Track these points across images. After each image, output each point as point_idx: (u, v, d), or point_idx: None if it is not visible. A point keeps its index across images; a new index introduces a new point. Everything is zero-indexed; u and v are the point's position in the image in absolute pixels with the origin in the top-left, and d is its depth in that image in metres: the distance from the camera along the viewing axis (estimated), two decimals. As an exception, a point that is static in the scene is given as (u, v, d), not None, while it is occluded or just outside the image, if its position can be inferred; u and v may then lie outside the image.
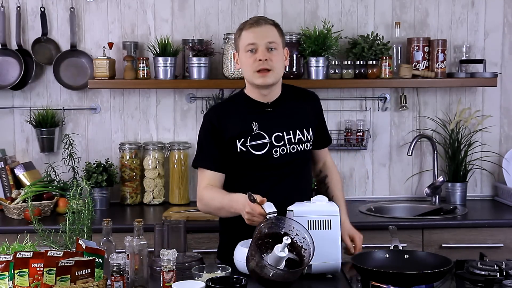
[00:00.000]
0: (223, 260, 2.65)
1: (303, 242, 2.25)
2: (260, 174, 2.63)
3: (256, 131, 2.62)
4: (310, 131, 2.70)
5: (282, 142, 2.64)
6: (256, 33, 2.57)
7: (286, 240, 2.16)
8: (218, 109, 2.75)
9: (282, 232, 2.26)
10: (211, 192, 2.61)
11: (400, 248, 2.50)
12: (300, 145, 2.66)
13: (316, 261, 2.20)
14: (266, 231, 2.26)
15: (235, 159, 2.64)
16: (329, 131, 2.91)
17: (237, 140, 2.62)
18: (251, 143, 2.62)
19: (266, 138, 2.63)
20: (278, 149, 2.63)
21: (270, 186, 2.60)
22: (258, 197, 2.33)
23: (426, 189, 3.80)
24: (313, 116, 2.74)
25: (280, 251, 2.17)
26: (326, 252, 2.34)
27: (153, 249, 2.54)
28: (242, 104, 2.68)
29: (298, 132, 2.66)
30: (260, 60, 2.55)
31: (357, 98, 3.97)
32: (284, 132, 2.64)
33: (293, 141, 2.65)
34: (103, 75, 3.71)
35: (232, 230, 2.67)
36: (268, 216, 2.29)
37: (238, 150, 2.62)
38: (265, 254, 2.23)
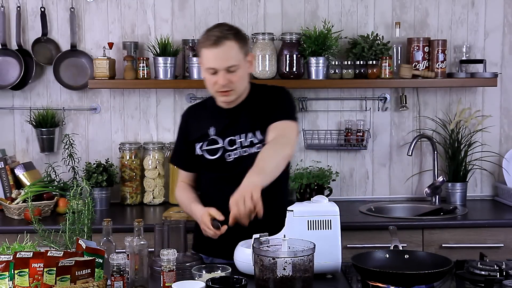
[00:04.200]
0: (198, 251, 2.72)
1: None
2: (218, 177, 2.71)
3: (212, 136, 2.70)
4: (261, 133, 2.66)
5: (235, 146, 2.67)
6: (216, 56, 2.56)
7: None
8: (189, 111, 2.85)
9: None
10: (181, 195, 2.81)
11: (400, 248, 2.50)
12: (253, 148, 2.66)
13: (316, 261, 2.19)
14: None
15: (197, 162, 2.76)
16: (289, 111, 2.68)
17: (196, 144, 2.73)
18: (207, 148, 2.71)
19: (219, 143, 2.69)
20: (231, 153, 2.68)
21: (229, 188, 2.57)
22: (222, 228, 2.47)
23: (426, 189, 3.80)
24: (265, 113, 2.66)
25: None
26: (326, 252, 2.34)
27: (153, 249, 2.54)
28: (207, 108, 2.77)
29: (250, 134, 2.67)
30: (220, 84, 2.58)
31: (357, 98, 3.97)
32: (237, 136, 2.68)
33: (245, 144, 2.67)
34: (103, 75, 3.71)
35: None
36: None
37: (196, 153, 2.73)
38: None
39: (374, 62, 3.76)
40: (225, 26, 2.64)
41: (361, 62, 3.77)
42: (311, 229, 2.38)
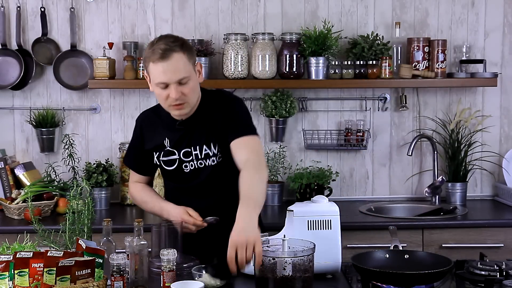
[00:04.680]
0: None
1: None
2: (177, 187, 2.74)
3: (168, 148, 2.68)
4: (217, 146, 2.63)
5: (191, 157, 2.65)
6: (165, 70, 2.47)
7: None
8: (144, 119, 2.79)
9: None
10: (142, 194, 2.79)
11: (400, 248, 2.50)
12: (207, 160, 2.64)
13: (316, 261, 2.19)
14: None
15: (155, 169, 2.81)
16: (249, 125, 2.62)
17: (154, 153, 2.71)
18: (163, 159, 2.70)
19: (175, 154, 2.67)
20: (187, 164, 2.66)
21: (189, 198, 2.67)
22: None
23: (426, 189, 3.80)
24: (221, 123, 2.62)
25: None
26: (326, 252, 2.34)
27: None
28: (162, 118, 2.70)
29: (204, 147, 2.63)
30: (172, 97, 2.51)
31: (357, 98, 3.97)
32: (192, 148, 2.65)
33: (199, 157, 2.64)
34: (103, 75, 3.71)
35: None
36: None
37: (155, 162, 2.73)
38: None
39: (374, 62, 3.76)
40: (170, 38, 2.58)
41: (361, 62, 3.77)
42: (311, 229, 2.38)
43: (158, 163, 2.72)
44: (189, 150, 2.65)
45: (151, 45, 2.55)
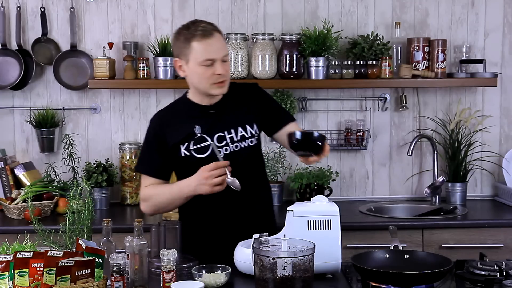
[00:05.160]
0: (188, 253, 2.61)
1: None
2: None
3: (199, 135, 2.64)
4: (254, 126, 2.69)
5: (225, 142, 2.65)
6: (211, 47, 2.54)
7: None
8: (161, 116, 2.75)
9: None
10: (155, 189, 2.67)
11: (400, 248, 2.50)
12: (244, 142, 2.66)
13: (316, 261, 2.19)
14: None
15: (181, 164, 2.67)
16: (287, 111, 2.90)
17: (181, 145, 2.65)
18: (194, 147, 2.64)
19: (208, 141, 2.64)
20: (221, 149, 2.64)
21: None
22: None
23: (426, 189, 3.80)
24: (255, 109, 2.71)
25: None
26: (326, 252, 2.34)
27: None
28: (185, 109, 2.71)
29: (240, 129, 2.66)
30: (218, 74, 2.56)
31: (357, 98, 3.97)
32: (226, 132, 2.65)
33: (235, 139, 2.65)
34: (103, 75, 3.71)
35: (193, 222, 2.71)
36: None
37: (182, 155, 2.65)
38: None
39: (374, 62, 3.76)
40: (203, 21, 2.63)
41: (361, 62, 3.77)
42: (311, 229, 2.38)
43: (188, 154, 2.63)
44: (223, 134, 2.64)
45: (187, 28, 2.58)
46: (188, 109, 2.70)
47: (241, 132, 2.66)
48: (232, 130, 2.65)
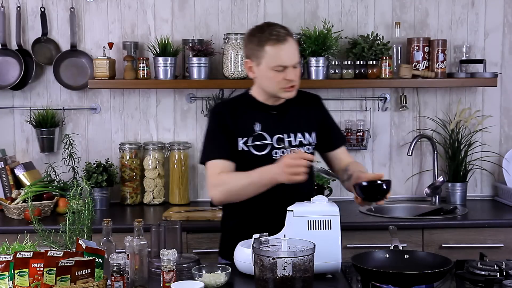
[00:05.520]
0: (226, 258, 2.65)
1: None
2: None
3: (258, 132, 2.64)
4: (313, 135, 2.72)
5: (283, 144, 2.65)
6: (284, 53, 2.55)
7: None
8: (227, 106, 2.74)
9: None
10: (230, 175, 2.58)
11: (400, 248, 2.50)
12: (301, 148, 2.66)
13: (316, 261, 2.19)
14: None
15: (237, 158, 2.64)
16: (342, 132, 2.92)
17: (240, 139, 2.63)
18: (253, 143, 2.64)
19: (267, 139, 2.64)
20: (278, 151, 2.64)
21: (270, 188, 2.56)
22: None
23: (426, 189, 3.80)
24: (315, 120, 2.75)
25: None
26: (326, 252, 2.34)
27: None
28: (247, 105, 2.70)
29: (299, 134, 2.68)
30: (289, 79, 2.57)
31: (357, 98, 3.97)
32: (285, 135, 2.66)
33: (293, 144, 2.66)
34: (103, 75, 3.71)
35: (233, 226, 2.70)
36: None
37: (239, 149, 2.63)
38: None
39: (374, 62, 3.76)
40: (278, 25, 2.63)
41: (361, 62, 3.77)
42: (311, 229, 2.38)
43: (246, 149, 2.62)
44: (282, 136, 2.65)
45: (261, 31, 2.58)
46: (250, 105, 2.69)
47: (300, 138, 2.67)
48: (292, 134, 2.67)
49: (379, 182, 2.43)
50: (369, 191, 2.44)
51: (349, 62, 3.79)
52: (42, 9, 3.85)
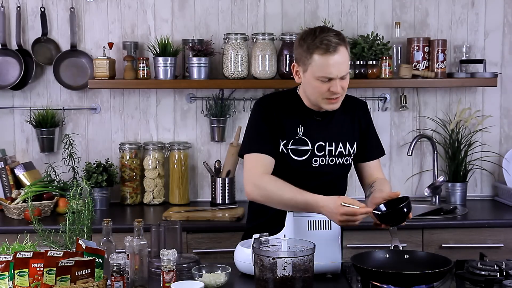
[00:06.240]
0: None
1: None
2: (294, 182, 2.45)
3: (300, 136, 2.58)
4: (354, 145, 2.66)
5: (323, 152, 2.59)
6: (332, 65, 2.42)
7: None
8: (275, 101, 2.61)
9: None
10: (276, 183, 2.45)
11: (400, 248, 2.50)
12: (340, 158, 2.63)
13: (316, 261, 2.19)
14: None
15: (276, 158, 2.56)
16: (380, 143, 2.80)
17: (281, 140, 2.57)
18: (293, 147, 2.58)
19: (308, 145, 2.58)
20: (318, 158, 2.59)
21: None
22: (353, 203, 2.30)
23: (426, 189, 3.80)
24: (359, 129, 2.67)
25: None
26: (326, 252, 2.34)
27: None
28: (293, 104, 2.60)
29: (340, 144, 2.62)
30: (334, 91, 2.46)
31: (357, 98, 3.97)
32: (327, 143, 2.60)
33: (333, 153, 2.61)
34: (103, 75, 3.71)
35: (260, 218, 2.66)
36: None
37: (279, 150, 2.57)
38: None
39: (374, 62, 3.76)
40: (331, 30, 2.49)
41: (361, 62, 3.77)
42: (311, 229, 2.38)
43: (285, 152, 2.56)
44: (324, 144, 2.58)
45: (312, 36, 2.45)
46: (296, 106, 2.60)
47: (340, 148, 2.61)
48: (333, 143, 2.60)
49: (399, 206, 2.35)
50: (390, 217, 2.39)
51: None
52: (42, 9, 3.85)
